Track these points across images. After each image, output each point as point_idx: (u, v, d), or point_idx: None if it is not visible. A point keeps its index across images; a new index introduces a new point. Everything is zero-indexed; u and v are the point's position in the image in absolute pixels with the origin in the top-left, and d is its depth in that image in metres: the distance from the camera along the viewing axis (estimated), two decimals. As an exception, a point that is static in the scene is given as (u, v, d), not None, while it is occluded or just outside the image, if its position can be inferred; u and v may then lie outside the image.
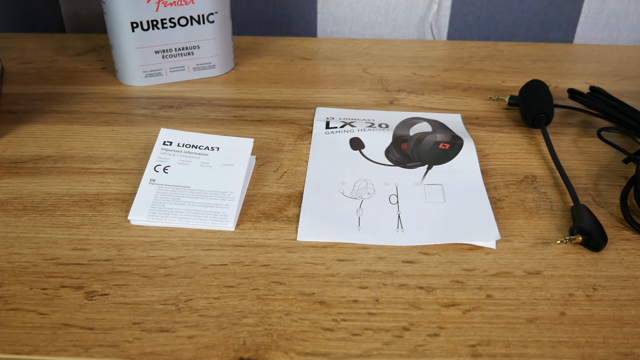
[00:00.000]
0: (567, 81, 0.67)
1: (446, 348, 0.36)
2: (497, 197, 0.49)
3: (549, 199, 0.49)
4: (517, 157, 0.54)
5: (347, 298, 0.39)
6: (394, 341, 0.37)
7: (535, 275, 0.41)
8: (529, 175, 0.51)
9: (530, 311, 0.39)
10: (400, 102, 0.61)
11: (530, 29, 0.80)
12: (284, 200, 0.48)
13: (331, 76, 0.66)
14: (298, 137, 0.56)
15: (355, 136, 0.55)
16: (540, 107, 0.56)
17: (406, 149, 0.53)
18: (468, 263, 0.42)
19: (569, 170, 0.52)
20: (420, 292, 0.40)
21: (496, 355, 0.36)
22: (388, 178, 0.50)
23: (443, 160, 0.52)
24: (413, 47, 0.74)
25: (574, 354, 0.36)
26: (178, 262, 0.42)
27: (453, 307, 0.39)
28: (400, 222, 0.45)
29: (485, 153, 0.54)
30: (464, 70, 0.68)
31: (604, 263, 0.43)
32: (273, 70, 0.68)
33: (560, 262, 0.43)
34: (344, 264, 0.42)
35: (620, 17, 0.79)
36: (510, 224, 0.46)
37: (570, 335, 0.37)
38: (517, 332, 0.37)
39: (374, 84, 0.65)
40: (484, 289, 0.40)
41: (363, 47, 0.73)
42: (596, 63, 0.71)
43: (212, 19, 0.62)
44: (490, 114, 0.60)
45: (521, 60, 0.71)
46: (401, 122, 0.58)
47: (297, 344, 0.36)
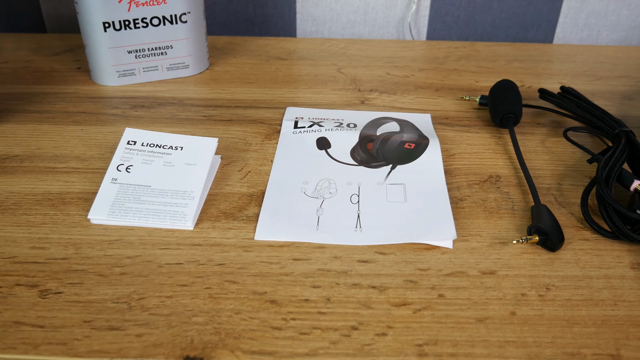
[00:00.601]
0: (541, 81, 0.67)
1: (393, 347, 0.36)
2: (459, 197, 0.49)
3: (511, 198, 0.49)
4: (483, 157, 0.54)
5: (298, 297, 0.40)
6: (341, 340, 0.37)
7: (490, 275, 0.41)
8: (493, 175, 0.51)
9: (481, 311, 0.39)
10: (371, 102, 0.62)
11: (510, 29, 0.79)
12: (246, 199, 0.48)
13: (305, 76, 0.66)
14: (266, 137, 0.56)
15: (322, 136, 0.55)
16: (508, 107, 0.56)
17: (372, 148, 0.53)
18: (423, 263, 0.42)
19: (534, 170, 0.52)
20: (373, 292, 0.40)
21: (442, 354, 0.36)
22: (351, 178, 0.50)
23: (407, 160, 0.52)
24: (390, 47, 0.74)
25: (520, 354, 0.36)
26: (134, 260, 0.42)
27: (404, 306, 0.39)
28: (360, 221, 0.46)
29: (452, 153, 0.54)
30: (438, 70, 0.68)
31: (560, 263, 0.43)
32: (247, 70, 0.68)
33: (515, 262, 0.43)
34: (299, 263, 0.42)
35: (600, 17, 0.78)
36: (470, 224, 0.46)
37: (519, 335, 0.37)
38: (466, 332, 0.37)
39: (346, 84, 0.65)
40: (437, 288, 0.40)
41: (340, 47, 0.73)
42: (572, 63, 0.71)
43: (185, 19, 0.62)
44: (460, 113, 0.60)
45: (497, 60, 0.71)
46: (370, 122, 0.58)
47: (244, 342, 0.36)
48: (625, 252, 0.44)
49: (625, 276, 0.42)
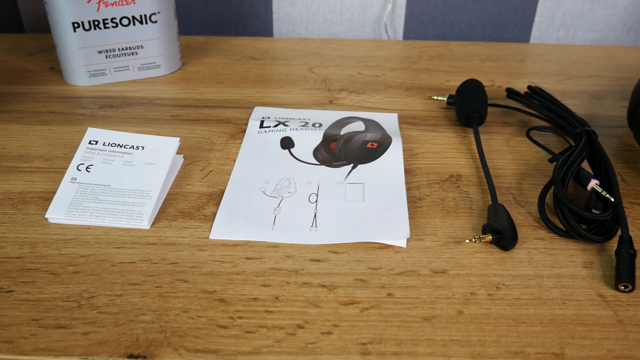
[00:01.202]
0: (512, 80, 0.67)
1: (337, 346, 0.36)
2: (418, 196, 0.49)
3: (469, 198, 0.49)
4: (446, 157, 0.54)
5: (247, 296, 0.40)
6: (286, 339, 0.37)
7: (441, 274, 0.42)
8: (454, 175, 0.51)
9: (428, 310, 0.39)
10: (339, 102, 0.62)
11: (486, 29, 0.79)
12: (205, 199, 0.48)
13: (276, 76, 0.67)
14: (231, 137, 0.56)
15: (286, 135, 0.55)
16: (472, 107, 0.56)
17: (335, 148, 0.53)
18: (375, 262, 0.42)
19: (496, 170, 0.52)
20: (322, 291, 0.40)
21: (385, 353, 0.36)
22: (312, 177, 0.50)
23: (369, 159, 0.52)
24: (364, 46, 0.74)
25: (464, 353, 0.36)
26: (88, 259, 0.42)
27: (351, 305, 0.39)
28: (316, 220, 0.46)
29: (415, 152, 0.54)
30: (410, 69, 0.69)
31: (513, 262, 0.43)
32: (219, 70, 0.68)
33: (468, 261, 0.43)
34: (251, 262, 0.42)
35: (576, 16, 0.78)
36: (426, 223, 0.46)
37: (464, 334, 0.37)
38: (411, 331, 0.37)
39: (317, 84, 0.65)
40: (386, 287, 0.40)
41: (314, 47, 0.74)
42: (545, 63, 0.71)
43: (155, 19, 0.63)
44: (427, 113, 0.60)
45: (469, 60, 0.71)
46: (336, 121, 0.58)
47: (189, 340, 0.37)
48: (579, 252, 0.44)
49: (577, 275, 0.42)
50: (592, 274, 0.42)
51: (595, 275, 0.42)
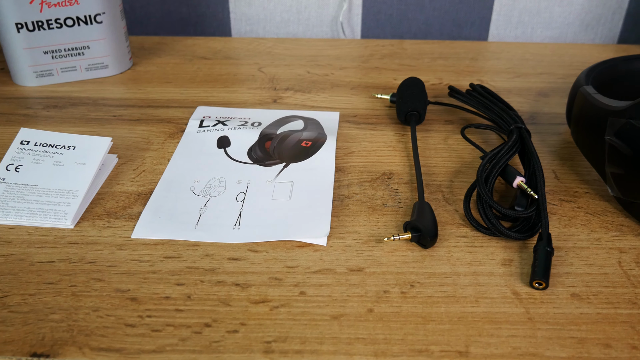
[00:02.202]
0: (460, 78, 0.67)
1: (241, 344, 0.36)
2: (347, 195, 0.49)
3: (398, 196, 0.49)
4: (381, 155, 0.54)
5: (160, 295, 0.40)
6: (191, 337, 0.37)
7: (357, 273, 0.41)
8: (387, 173, 0.51)
9: (339, 308, 0.39)
10: (283, 101, 0.62)
11: (444, 27, 0.79)
12: (133, 198, 0.48)
13: (224, 75, 0.67)
14: (169, 136, 0.56)
15: (223, 135, 0.55)
16: (411, 105, 0.56)
17: (269, 147, 0.53)
18: (293, 260, 0.42)
19: (430, 167, 0.52)
20: (235, 289, 0.40)
21: (289, 351, 0.36)
22: (243, 176, 0.50)
23: (302, 158, 0.52)
24: (317, 45, 0.74)
25: (367, 351, 0.36)
26: (7, 259, 0.42)
27: (262, 303, 0.39)
28: (240, 219, 0.46)
29: (351, 150, 0.54)
30: (359, 68, 0.68)
31: (432, 260, 0.43)
32: (169, 70, 0.68)
33: (386, 259, 0.42)
34: (169, 261, 0.42)
35: (533, 14, 0.78)
36: (350, 221, 0.46)
37: (370, 332, 0.37)
38: (318, 329, 0.37)
39: (264, 83, 0.65)
40: (300, 286, 0.40)
41: (267, 46, 0.74)
42: (496, 60, 0.71)
43: (100, 19, 0.63)
44: (370, 111, 0.60)
45: (421, 59, 0.71)
46: (275, 120, 0.58)
47: (94, 339, 0.37)
48: (500, 249, 0.44)
49: (494, 273, 0.41)
50: (509, 272, 0.42)
51: (513, 272, 0.42)
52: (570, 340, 0.37)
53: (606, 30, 0.79)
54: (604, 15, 0.78)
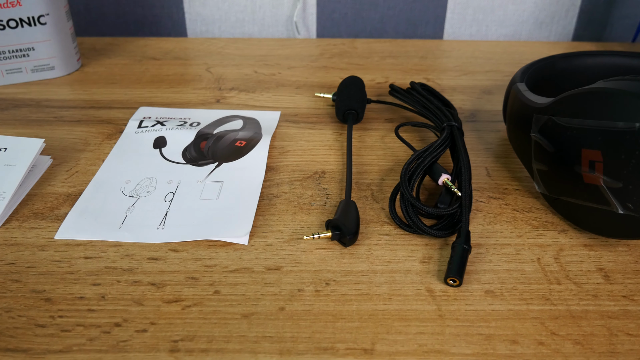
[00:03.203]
0: (407, 77, 0.67)
1: (148, 344, 0.36)
2: (275, 194, 0.49)
3: (327, 194, 0.49)
4: (316, 154, 0.54)
5: (75, 295, 0.40)
6: (99, 337, 0.37)
7: (274, 271, 0.41)
8: (319, 171, 0.51)
9: (251, 307, 0.39)
10: (226, 101, 0.62)
11: (399, 26, 0.79)
12: (62, 199, 0.48)
13: (171, 76, 0.67)
14: (107, 137, 0.56)
15: (160, 135, 0.55)
16: (348, 104, 0.56)
17: (204, 147, 0.53)
18: (212, 259, 0.42)
19: (363, 166, 0.52)
20: (150, 289, 0.40)
21: (194, 350, 0.36)
22: (174, 176, 0.50)
23: (235, 157, 0.52)
24: (269, 45, 0.74)
25: (273, 349, 0.36)
26: None
27: (175, 303, 0.39)
28: (165, 219, 0.46)
29: (287, 150, 0.54)
30: (307, 67, 0.69)
31: (351, 258, 0.43)
32: (117, 71, 0.68)
33: (305, 258, 0.43)
34: (88, 261, 0.42)
35: (487, 12, 0.78)
36: (275, 220, 0.46)
37: (279, 331, 0.37)
38: (226, 328, 0.37)
39: (209, 83, 0.65)
40: (215, 285, 0.40)
41: (219, 47, 0.74)
42: (445, 59, 0.71)
43: (44, 20, 0.63)
44: (312, 111, 0.60)
45: (370, 57, 0.71)
46: (215, 120, 0.58)
47: (2, 340, 0.36)
48: (421, 247, 0.44)
49: (411, 270, 0.42)
50: (427, 269, 0.42)
51: (431, 270, 0.42)
52: (477, 337, 0.37)
53: (560, 28, 0.79)
54: (558, 12, 0.78)
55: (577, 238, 0.45)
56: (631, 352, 0.36)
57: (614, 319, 0.38)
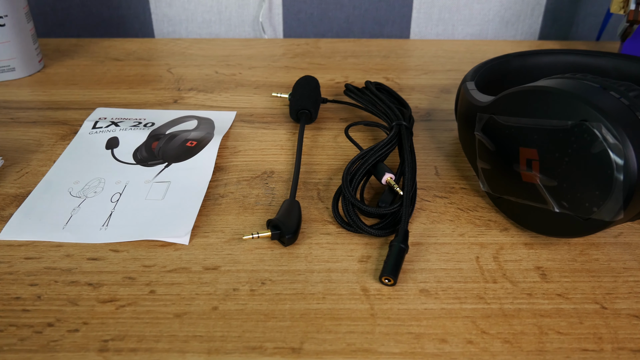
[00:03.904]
0: (367, 76, 0.67)
1: (79, 343, 0.37)
2: (222, 194, 0.49)
3: (273, 194, 0.49)
4: (267, 154, 0.54)
5: (11, 295, 0.40)
6: (31, 337, 0.37)
7: (212, 271, 0.42)
8: (268, 171, 0.51)
9: (184, 306, 0.39)
10: (184, 101, 0.62)
11: (365, 25, 0.79)
12: (9, 200, 0.48)
13: (132, 76, 0.67)
14: (61, 138, 0.56)
15: (114, 136, 0.55)
16: (301, 103, 0.56)
17: (155, 147, 0.54)
18: (151, 259, 0.43)
19: (313, 165, 0.52)
20: (87, 289, 0.40)
21: (123, 349, 0.36)
22: (123, 177, 0.50)
23: (185, 158, 0.52)
24: (233, 45, 0.74)
25: (201, 348, 0.36)
26: None
27: (110, 302, 0.39)
28: (109, 220, 0.46)
29: (238, 149, 0.54)
30: (268, 67, 0.69)
31: (289, 257, 0.43)
32: (79, 72, 0.68)
33: (244, 257, 0.43)
34: (28, 262, 0.42)
35: (453, 11, 0.78)
36: (218, 220, 0.46)
37: (209, 330, 0.37)
38: (157, 327, 0.37)
39: (169, 84, 0.65)
40: (152, 285, 0.41)
41: (183, 47, 0.74)
42: (407, 58, 0.71)
43: (2, 22, 0.63)
44: (268, 110, 0.60)
45: (332, 57, 0.71)
46: (170, 120, 0.58)
47: None
48: (361, 246, 0.44)
49: (348, 269, 0.42)
50: (364, 268, 0.42)
51: (368, 269, 0.42)
52: (407, 336, 0.37)
53: (526, 27, 0.79)
54: (523, 11, 0.78)
55: (519, 237, 0.45)
56: (559, 350, 0.36)
57: (546, 318, 0.39)
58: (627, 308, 0.39)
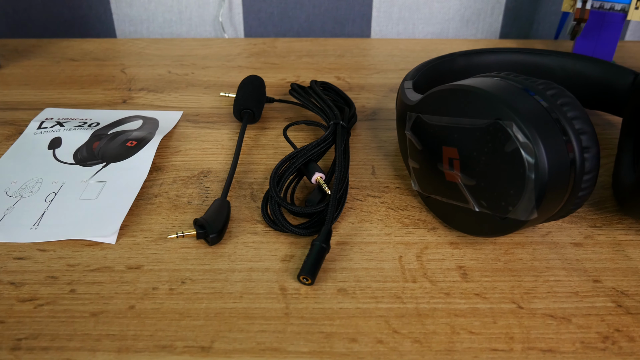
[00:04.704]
0: (318, 75, 0.67)
1: (-8, 342, 0.37)
2: (156, 194, 0.49)
3: (207, 194, 0.49)
4: (207, 153, 0.54)
5: None
6: (-55, 336, 0.37)
7: (134, 270, 0.42)
8: (205, 171, 0.52)
9: (102, 305, 0.39)
10: (133, 101, 0.62)
11: (325, 25, 0.80)
12: (-55, 200, 0.49)
13: (85, 77, 0.67)
14: (6, 138, 0.57)
15: (57, 136, 0.56)
16: (243, 103, 0.56)
17: (96, 147, 0.54)
18: (76, 259, 0.43)
19: (251, 165, 0.52)
20: (8, 288, 0.41)
21: (35, 348, 0.36)
22: (61, 177, 0.51)
23: (123, 157, 0.52)
24: (190, 45, 0.75)
25: (112, 347, 0.36)
26: None
27: (29, 302, 0.40)
28: (41, 219, 0.46)
29: (179, 149, 0.55)
30: (222, 67, 0.69)
31: (213, 257, 0.43)
32: (33, 73, 0.69)
33: (168, 257, 0.43)
34: (-46, 262, 0.43)
35: (413, 10, 0.78)
36: (149, 219, 0.46)
37: (123, 329, 0.38)
38: (72, 326, 0.38)
39: (121, 84, 0.65)
40: (73, 284, 0.41)
41: (140, 47, 0.74)
42: (362, 57, 0.71)
43: (-46, 23, 0.64)
44: (215, 110, 0.60)
45: (287, 57, 0.71)
46: (116, 120, 0.58)
47: None
48: (286, 245, 0.44)
49: (270, 269, 0.42)
50: (286, 267, 0.42)
51: (290, 268, 0.42)
52: (318, 335, 0.37)
53: (487, 25, 0.79)
54: (484, 10, 0.78)
55: (445, 236, 0.45)
56: (469, 350, 0.37)
57: (460, 317, 0.39)
58: (544, 308, 0.40)
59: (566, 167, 0.38)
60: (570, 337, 0.38)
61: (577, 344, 0.37)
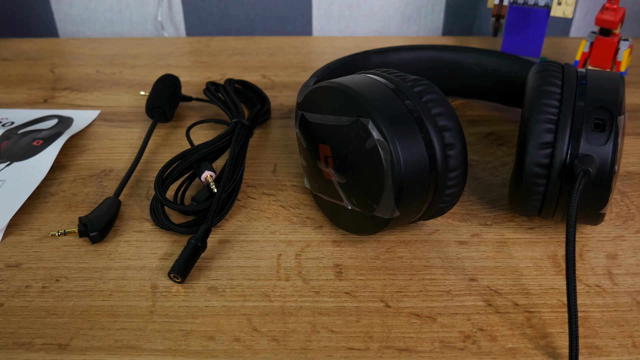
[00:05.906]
0: (245, 74, 0.67)
1: None
2: (52, 192, 0.49)
3: (103, 192, 0.49)
4: (114, 152, 0.54)
5: None
6: None
7: (13, 268, 0.42)
8: (107, 170, 0.52)
9: (-28, 303, 0.40)
10: (54, 100, 0.62)
11: (267, 23, 0.79)
12: None
13: (13, 76, 0.67)
14: None
15: (-31, 135, 0.56)
16: (155, 102, 0.57)
17: (4, 147, 0.54)
18: (-42, 257, 0.43)
19: (154, 164, 0.52)
20: None
21: None
22: (-37, 175, 0.51)
23: (28, 156, 0.53)
24: (124, 45, 0.75)
25: (-29, 345, 0.37)
26: None
27: None
28: None
29: (87, 148, 0.55)
30: (150, 66, 0.69)
31: (94, 255, 0.43)
32: (-35, 72, 0.69)
33: (49, 255, 0.43)
34: None
35: (353, 8, 0.78)
36: (39, 218, 0.46)
37: (-13, 327, 0.38)
38: (-63, 324, 0.38)
39: (47, 83, 0.66)
40: (-51, 282, 0.41)
41: (75, 47, 0.74)
42: (293, 55, 0.71)
43: None
44: (132, 109, 0.61)
45: (218, 55, 0.71)
46: (31, 120, 0.58)
47: None
48: (168, 244, 0.44)
49: (146, 267, 0.42)
50: (162, 266, 0.42)
51: (166, 267, 0.42)
52: (177, 333, 0.37)
53: (429, 23, 0.79)
54: (424, 7, 0.77)
55: (330, 234, 0.45)
56: (325, 348, 0.36)
57: (324, 316, 0.38)
58: (412, 307, 0.39)
59: (425, 164, 0.37)
60: (430, 336, 0.37)
61: (435, 343, 0.37)
